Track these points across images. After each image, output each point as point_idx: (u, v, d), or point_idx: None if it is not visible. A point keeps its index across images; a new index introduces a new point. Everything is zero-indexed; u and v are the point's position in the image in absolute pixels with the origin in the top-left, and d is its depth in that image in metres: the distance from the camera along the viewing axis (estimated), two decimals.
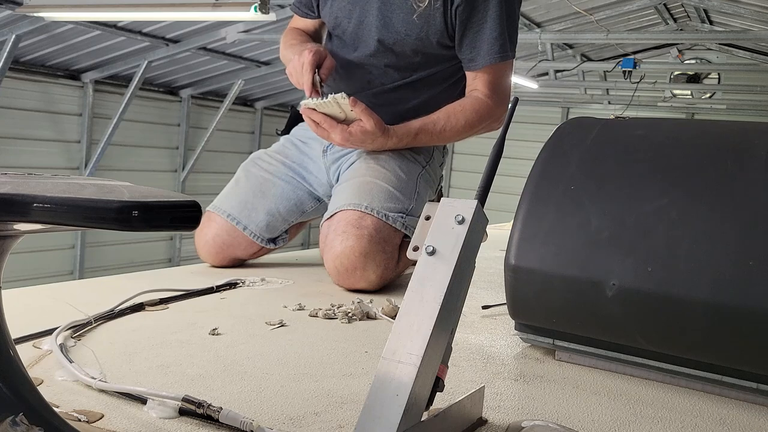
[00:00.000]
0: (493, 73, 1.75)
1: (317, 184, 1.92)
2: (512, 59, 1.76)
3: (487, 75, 1.75)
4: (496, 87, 1.76)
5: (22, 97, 7.40)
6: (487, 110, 1.75)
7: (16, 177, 0.65)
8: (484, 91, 1.76)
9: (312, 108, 1.63)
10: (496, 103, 1.76)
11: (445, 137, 1.77)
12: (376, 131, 1.63)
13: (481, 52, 1.72)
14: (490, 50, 1.71)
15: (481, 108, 1.75)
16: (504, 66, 1.76)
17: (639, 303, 1.00)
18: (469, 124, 1.75)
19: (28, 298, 1.36)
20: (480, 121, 1.75)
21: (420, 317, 0.72)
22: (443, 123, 1.73)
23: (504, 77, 1.78)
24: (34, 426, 0.63)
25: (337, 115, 1.64)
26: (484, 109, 1.75)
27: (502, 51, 1.71)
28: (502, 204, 4.71)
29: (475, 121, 1.75)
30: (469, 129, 1.76)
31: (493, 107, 1.76)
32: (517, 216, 1.13)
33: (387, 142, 1.69)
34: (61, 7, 4.82)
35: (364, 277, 1.60)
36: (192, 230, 0.61)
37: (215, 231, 1.78)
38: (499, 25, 1.69)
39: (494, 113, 1.76)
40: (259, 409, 0.87)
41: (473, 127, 1.76)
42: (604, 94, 10.61)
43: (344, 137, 1.63)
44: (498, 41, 1.70)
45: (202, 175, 9.61)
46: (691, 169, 1.07)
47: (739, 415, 0.98)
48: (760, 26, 7.26)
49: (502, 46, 1.71)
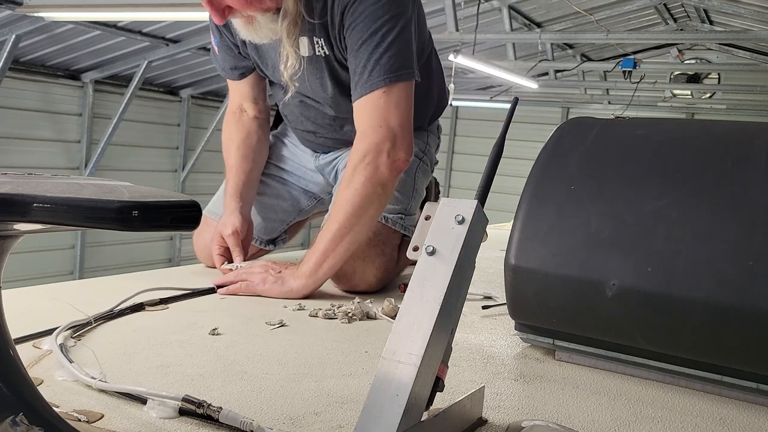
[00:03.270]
0: (364, 106, 1.51)
1: (313, 183, 1.92)
2: (386, 85, 1.48)
3: (358, 110, 1.53)
4: (372, 117, 1.50)
5: (22, 97, 7.40)
6: (355, 153, 1.50)
7: (16, 177, 0.65)
8: (361, 128, 1.52)
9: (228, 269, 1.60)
10: (376, 133, 1.48)
11: (348, 220, 1.48)
12: (267, 267, 1.53)
13: (357, 86, 1.51)
14: (359, 83, 1.51)
15: (356, 160, 1.49)
16: (377, 94, 1.48)
17: (639, 303, 1.00)
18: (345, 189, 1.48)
19: (28, 298, 1.36)
20: (364, 172, 1.47)
21: (420, 317, 0.72)
22: (336, 224, 1.48)
23: (380, 104, 1.49)
24: (34, 426, 0.63)
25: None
26: (361, 151, 1.49)
27: (369, 80, 1.49)
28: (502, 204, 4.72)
29: (363, 174, 1.47)
30: (350, 193, 1.48)
31: (374, 139, 1.48)
32: (517, 216, 1.13)
33: (300, 281, 1.49)
34: (61, 7, 4.82)
35: (364, 280, 1.60)
36: (192, 230, 0.61)
37: (212, 235, 1.78)
38: (366, 52, 1.48)
39: (376, 146, 1.48)
40: (259, 409, 0.87)
41: (353, 186, 1.47)
42: (604, 94, 10.61)
43: (263, 278, 1.50)
44: (366, 69, 1.49)
45: (202, 175, 9.61)
46: (691, 169, 1.07)
47: (739, 415, 0.98)
48: (760, 26, 7.26)
49: (370, 72, 1.48)
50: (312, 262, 1.49)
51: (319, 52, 1.58)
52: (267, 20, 1.49)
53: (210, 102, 9.62)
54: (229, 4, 1.44)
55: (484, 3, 6.80)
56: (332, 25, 1.52)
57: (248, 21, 1.50)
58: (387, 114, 1.49)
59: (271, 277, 1.50)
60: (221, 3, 1.44)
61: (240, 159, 1.79)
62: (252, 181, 1.81)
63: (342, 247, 1.49)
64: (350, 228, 1.48)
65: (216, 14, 1.46)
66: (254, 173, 1.82)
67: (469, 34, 6.24)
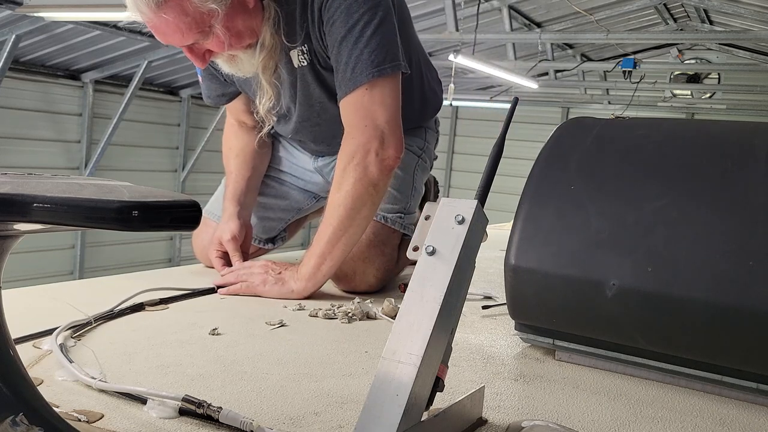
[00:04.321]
0: (349, 105, 1.48)
1: (312, 183, 1.92)
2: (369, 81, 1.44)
3: (344, 109, 1.50)
4: (357, 117, 1.47)
5: (22, 97, 7.40)
6: (343, 153, 1.48)
7: (16, 177, 0.65)
8: (347, 128, 1.50)
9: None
10: (362, 132, 1.46)
11: (342, 222, 1.46)
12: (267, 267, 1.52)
13: (341, 85, 1.49)
14: (342, 81, 1.48)
15: (345, 161, 1.47)
16: (360, 92, 1.45)
17: (639, 303, 1.00)
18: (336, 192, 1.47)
19: (28, 298, 1.36)
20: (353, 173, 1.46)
21: (420, 317, 0.72)
22: (331, 228, 1.47)
23: (364, 102, 1.46)
24: (34, 426, 0.63)
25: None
26: (349, 152, 1.47)
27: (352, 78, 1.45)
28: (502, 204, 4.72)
29: (352, 176, 1.46)
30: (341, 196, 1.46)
31: (360, 138, 1.46)
32: (517, 216, 1.13)
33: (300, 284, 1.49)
34: (61, 7, 4.82)
35: (364, 281, 1.59)
36: (192, 230, 0.61)
37: (211, 235, 1.78)
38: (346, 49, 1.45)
39: (363, 146, 1.46)
40: (259, 409, 0.87)
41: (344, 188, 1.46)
42: (604, 94, 10.62)
43: (264, 279, 1.50)
44: (348, 66, 1.46)
45: (202, 175, 9.61)
46: (691, 169, 1.07)
47: (739, 415, 0.98)
48: (760, 26, 7.26)
49: (353, 69, 1.45)
50: (311, 264, 1.49)
51: (301, 62, 1.56)
52: (248, 56, 1.48)
53: None
54: (209, 48, 1.43)
55: (484, 3, 6.80)
56: (312, 25, 1.50)
57: (230, 59, 1.49)
58: (372, 112, 1.46)
59: (272, 279, 1.50)
60: (201, 48, 1.43)
61: (239, 166, 1.79)
62: (252, 187, 1.80)
63: (338, 250, 1.48)
64: (345, 230, 1.47)
65: (197, 60, 1.45)
66: (254, 180, 1.81)
67: (469, 34, 6.24)
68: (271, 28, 1.46)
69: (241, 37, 1.43)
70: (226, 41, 1.40)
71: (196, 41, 1.39)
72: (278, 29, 1.48)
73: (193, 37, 1.37)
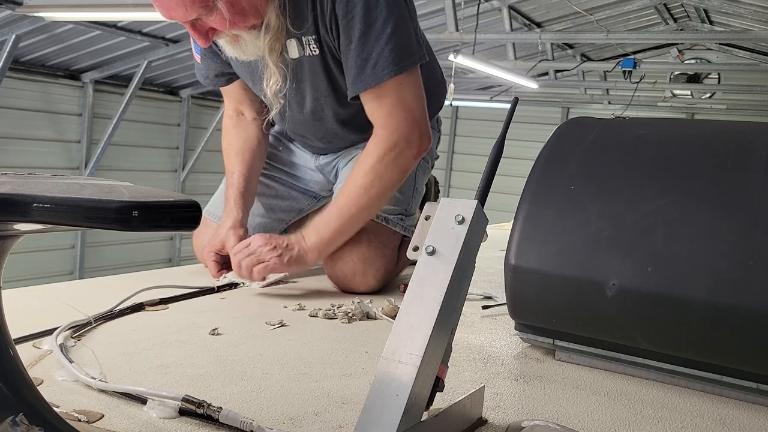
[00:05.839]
0: (382, 97, 1.50)
1: (313, 182, 1.91)
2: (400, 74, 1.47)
3: (374, 101, 1.52)
4: (395, 109, 1.51)
5: (22, 97, 7.41)
6: (384, 143, 1.51)
7: (16, 177, 0.65)
8: (381, 119, 1.53)
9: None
10: (403, 124, 1.51)
11: (369, 204, 1.53)
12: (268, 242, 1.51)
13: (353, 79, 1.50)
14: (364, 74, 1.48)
15: (382, 150, 1.51)
16: (393, 84, 1.48)
17: (639, 303, 1.00)
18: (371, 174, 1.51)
19: (28, 298, 1.36)
20: (393, 162, 1.51)
21: (420, 317, 0.72)
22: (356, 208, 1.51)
23: (400, 94, 1.50)
24: (34, 426, 0.63)
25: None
26: (390, 142, 1.51)
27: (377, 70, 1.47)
28: (502, 204, 4.72)
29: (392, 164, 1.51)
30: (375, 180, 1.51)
31: (403, 130, 1.51)
32: (517, 216, 1.13)
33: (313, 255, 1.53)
34: (61, 7, 4.82)
35: (364, 282, 1.59)
36: (192, 230, 0.61)
37: (211, 235, 1.78)
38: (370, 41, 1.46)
39: (405, 137, 1.51)
40: (259, 409, 0.87)
41: (380, 174, 1.51)
42: (604, 94, 10.62)
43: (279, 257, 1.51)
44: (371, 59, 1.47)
45: (202, 175, 9.61)
46: (691, 169, 1.07)
47: (739, 415, 0.98)
48: (760, 26, 7.26)
49: (376, 63, 1.46)
50: (326, 237, 1.53)
51: (310, 52, 1.55)
52: (252, 37, 1.47)
53: (210, 102, 9.62)
54: (212, 26, 1.42)
55: (484, 3, 6.80)
56: (323, 15, 1.48)
57: (233, 40, 1.48)
58: (409, 104, 1.51)
59: (285, 255, 1.50)
60: (204, 25, 1.42)
61: (241, 165, 1.77)
62: (252, 189, 1.79)
63: (352, 230, 1.55)
64: (368, 211, 1.55)
65: (200, 37, 1.44)
66: (253, 181, 1.80)
67: (469, 34, 6.24)
68: (276, 10, 1.46)
69: (244, 16, 1.42)
70: (228, 18, 1.39)
71: (200, 16, 1.39)
72: (284, 12, 1.48)
73: (196, 11, 1.36)
